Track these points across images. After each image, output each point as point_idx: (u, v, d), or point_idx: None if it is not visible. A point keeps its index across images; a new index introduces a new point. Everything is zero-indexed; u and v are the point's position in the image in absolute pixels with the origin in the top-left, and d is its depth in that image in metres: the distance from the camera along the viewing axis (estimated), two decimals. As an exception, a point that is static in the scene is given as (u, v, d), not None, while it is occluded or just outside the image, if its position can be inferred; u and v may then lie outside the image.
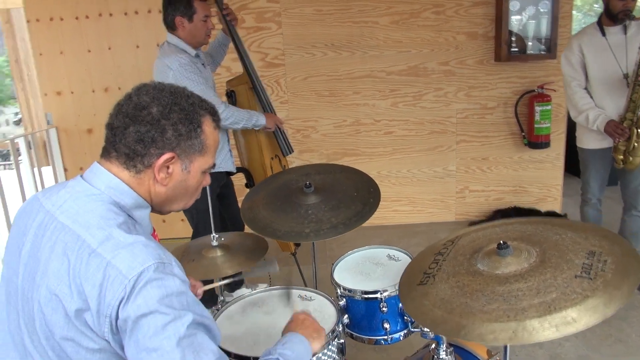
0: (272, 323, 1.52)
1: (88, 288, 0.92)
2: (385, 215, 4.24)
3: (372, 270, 1.76)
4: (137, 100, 1.04)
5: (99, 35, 3.82)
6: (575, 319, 1.05)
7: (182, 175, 1.08)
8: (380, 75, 3.99)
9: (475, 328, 1.13)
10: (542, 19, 3.87)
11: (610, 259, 1.18)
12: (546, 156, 4.12)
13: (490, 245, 1.34)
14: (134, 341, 0.91)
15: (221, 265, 1.73)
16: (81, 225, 0.98)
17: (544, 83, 3.92)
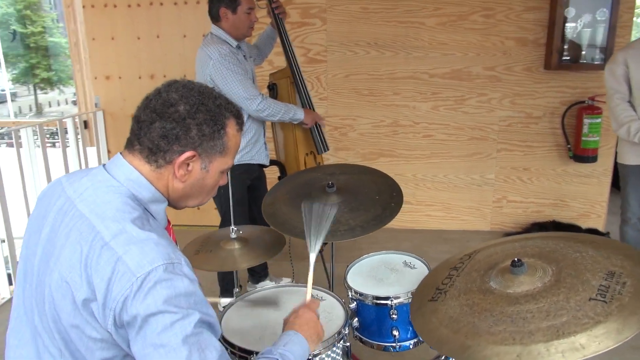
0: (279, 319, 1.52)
1: (97, 280, 0.95)
2: (418, 219, 4.17)
3: (386, 275, 1.74)
4: (166, 96, 1.06)
5: (150, 24, 3.94)
6: (584, 346, 1.00)
7: (200, 174, 1.10)
8: (423, 77, 3.92)
9: (479, 350, 1.10)
10: (599, 28, 3.68)
11: (630, 281, 1.11)
12: (592, 171, 3.94)
13: (506, 262, 1.29)
14: (141, 337, 0.93)
15: (238, 258, 1.76)
16: (97, 215, 1.01)
17: (595, 95, 3.74)
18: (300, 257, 3.56)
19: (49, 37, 23.51)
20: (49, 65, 23.80)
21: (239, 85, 2.52)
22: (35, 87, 24.62)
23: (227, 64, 2.50)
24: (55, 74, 24.10)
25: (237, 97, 2.52)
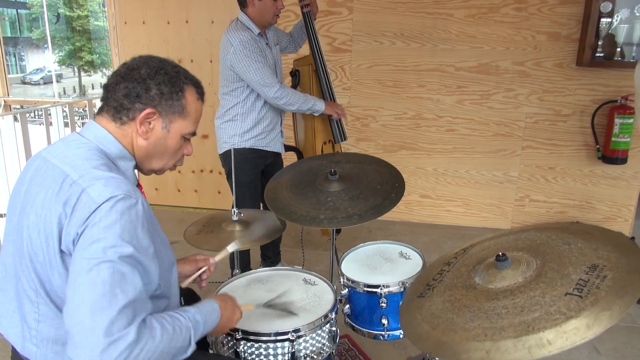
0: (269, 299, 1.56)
1: (66, 210, 1.06)
2: (437, 214, 4.13)
3: (380, 264, 1.74)
4: (130, 63, 1.20)
5: (179, 8, 4.02)
6: (551, 342, 0.99)
7: (162, 133, 1.21)
8: (449, 70, 3.86)
9: (452, 346, 1.11)
10: (637, 24, 3.53)
11: (611, 274, 1.08)
12: (622, 173, 3.80)
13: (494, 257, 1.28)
14: (76, 251, 1.04)
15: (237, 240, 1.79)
16: (67, 164, 1.12)
17: (629, 94, 3.59)
18: (314, 245, 3.61)
19: (94, 20, 24.24)
20: (92, 48, 24.58)
21: (256, 73, 2.55)
22: (79, 69, 25.48)
23: (246, 52, 2.53)
24: (99, 57, 24.87)
25: (255, 83, 2.56)
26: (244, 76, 2.57)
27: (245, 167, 2.79)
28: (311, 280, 1.66)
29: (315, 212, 1.74)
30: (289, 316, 1.48)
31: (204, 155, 4.17)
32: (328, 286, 1.62)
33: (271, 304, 1.54)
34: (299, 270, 1.73)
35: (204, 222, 1.91)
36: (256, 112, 2.70)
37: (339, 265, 1.74)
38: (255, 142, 2.76)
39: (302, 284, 1.65)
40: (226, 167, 2.85)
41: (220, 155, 2.84)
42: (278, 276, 1.71)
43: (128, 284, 1.01)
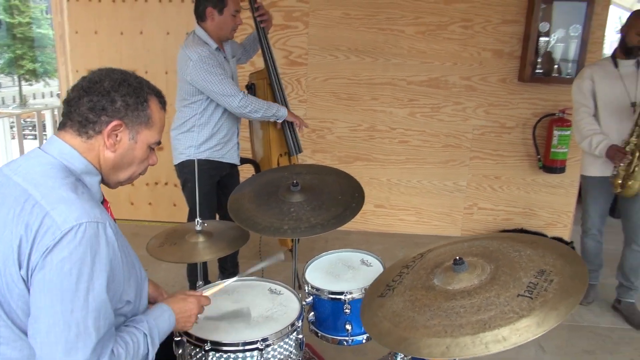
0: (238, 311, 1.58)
1: (27, 233, 1.03)
2: (391, 223, 4.26)
3: (343, 272, 1.81)
4: (91, 77, 1.18)
5: (133, 19, 3.97)
6: (505, 338, 1.08)
7: (129, 144, 1.21)
8: (401, 84, 4.01)
9: (414, 342, 1.17)
10: (572, 43, 3.81)
11: (557, 278, 1.19)
12: (560, 182, 4.06)
13: (451, 260, 1.36)
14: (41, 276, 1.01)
15: (201, 251, 1.81)
16: (29, 182, 1.09)
17: (565, 108, 3.86)
18: (272, 255, 3.63)
19: (36, 28, 23.29)
20: (34, 56, 23.59)
21: (219, 85, 2.57)
22: (20, 78, 24.35)
23: (205, 66, 2.55)
24: (41, 66, 23.88)
25: (218, 95, 2.57)
26: (206, 89, 2.58)
27: (201, 178, 2.79)
28: (277, 289, 1.70)
29: (279, 222, 1.79)
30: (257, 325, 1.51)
31: (158, 167, 4.05)
32: (293, 295, 1.67)
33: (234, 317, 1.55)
34: (264, 280, 1.76)
35: (166, 235, 1.91)
36: (213, 123, 2.72)
37: (303, 274, 1.78)
38: (211, 153, 2.77)
39: (268, 294, 1.68)
40: (182, 178, 2.85)
41: (176, 166, 2.83)
42: (243, 287, 1.74)
43: (101, 319, 1.03)
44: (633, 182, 2.68)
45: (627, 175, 2.69)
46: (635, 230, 2.81)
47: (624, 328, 2.85)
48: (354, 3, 3.88)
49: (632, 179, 2.67)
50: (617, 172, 2.73)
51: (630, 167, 2.66)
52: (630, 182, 2.68)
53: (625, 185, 2.70)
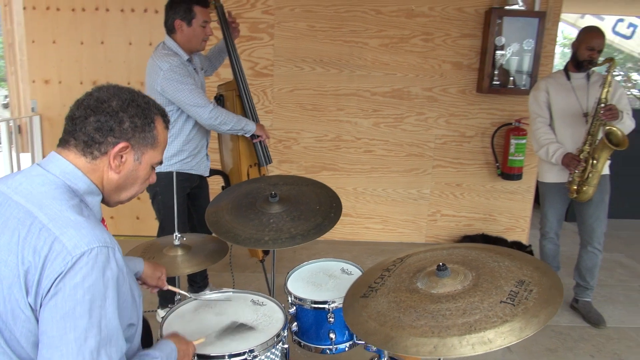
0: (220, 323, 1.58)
1: (35, 259, 0.99)
2: (357, 231, 4.32)
3: (325, 281, 1.83)
4: (98, 95, 1.15)
5: (94, 29, 3.89)
6: (491, 340, 1.13)
7: (134, 165, 1.19)
8: (365, 95, 4.10)
9: (401, 340, 1.22)
10: (525, 56, 4.01)
11: (536, 289, 1.27)
12: (517, 188, 4.25)
13: (433, 266, 1.42)
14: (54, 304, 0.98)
15: (180, 265, 1.80)
16: (34, 204, 1.05)
17: (521, 117, 4.05)
18: (242, 267, 3.61)
19: (-21, 34, 22.21)
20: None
21: (189, 95, 2.55)
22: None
23: (176, 76, 2.53)
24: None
25: (188, 105, 2.56)
26: (176, 99, 2.56)
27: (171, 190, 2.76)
28: (259, 301, 1.71)
29: (259, 233, 1.80)
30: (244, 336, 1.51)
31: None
32: (276, 305, 1.68)
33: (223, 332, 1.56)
34: (246, 292, 1.77)
35: (144, 249, 1.88)
36: (184, 135, 2.70)
37: (285, 285, 1.80)
38: (182, 165, 2.75)
39: (251, 305, 1.69)
40: (151, 192, 2.80)
41: None
42: (225, 299, 1.74)
43: (113, 347, 1.01)
44: (587, 188, 2.85)
45: (582, 181, 2.85)
46: (590, 232, 2.98)
47: (583, 326, 3.01)
48: (318, 16, 3.95)
49: (586, 185, 2.84)
50: (572, 179, 2.90)
51: (584, 173, 2.83)
52: (584, 187, 2.85)
53: (580, 190, 2.87)
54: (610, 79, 2.76)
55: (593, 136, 2.80)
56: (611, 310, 3.20)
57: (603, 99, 2.76)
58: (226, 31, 2.85)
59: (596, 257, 3.01)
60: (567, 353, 2.73)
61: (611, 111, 2.69)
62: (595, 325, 2.99)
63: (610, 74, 2.76)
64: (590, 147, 2.81)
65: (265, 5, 3.93)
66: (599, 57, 2.87)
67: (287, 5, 3.93)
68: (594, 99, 2.81)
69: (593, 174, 2.81)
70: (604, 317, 3.03)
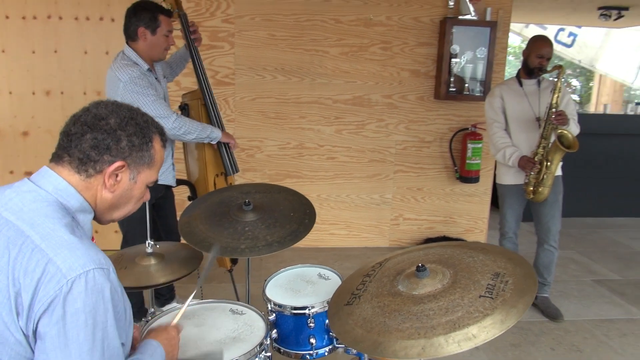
0: (201, 335, 1.57)
1: (27, 281, 0.95)
2: (322, 238, 4.35)
3: (303, 287, 1.85)
4: (95, 111, 1.11)
5: (46, 37, 3.75)
6: (475, 335, 1.18)
7: (129, 185, 1.16)
8: (327, 103, 4.15)
9: (390, 345, 1.24)
10: (479, 64, 4.18)
11: (511, 279, 1.32)
12: (475, 190, 4.40)
13: (412, 268, 1.46)
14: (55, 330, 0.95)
15: (154, 274, 1.76)
16: (25, 221, 1.01)
17: (477, 122, 4.21)
18: (209, 278, 3.56)
19: None
20: None
21: (151, 106, 2.51)
22: None
23: (137, 87, 2.48)
24: None
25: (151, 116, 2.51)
26: None
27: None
28: (238, 310, 1.70)
29: (235, 242, 1.79)
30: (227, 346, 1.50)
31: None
32: (256, 314, 1.67)
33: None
34: (223, 302, 1.75)
35: (114, 259, 1.83)
36: None
37: (264, 292, 1.80)
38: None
39: (230, 315, 1.67)
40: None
41: None
42: (203, 309, 1.72)
43: None
44: (542, 188, 2.99)
45: (537, 182, 3.00)
46: (546, 231, 3.13)
47: (542, 320, 3.15)
48: (279, 25, 3.98)
49: (541, 186, 2.99)
50: (528, 180, 3.04)
51: (539, 175, 2.98)
52: (540, 188, 3.00)
53: (536, 191, 3.02)
54: (560, 85, 2.93)
55: (546, 139, 2.96)
56: (567, 305, 3.36)
57: (554, 104, 2.91)
58: (190, 40, 2.83)
59: (552, 254, 3.17)
60: (530, 347, 2.84)
61: (561, 116, 2.85)
62: (554, 319, 3.14)
63: (559, 80, 2.93)
64: (544, 149, 2.96)
65: (225, 14, 3.92)
66: (548, 64, 3.03)
67: (247, 14, 3.94)
68: (546, 104, 2.97)
69: (547, 175, 2.96)
70: (561, 311, 3.19)
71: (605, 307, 3.37)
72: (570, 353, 2.80)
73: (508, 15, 4.22)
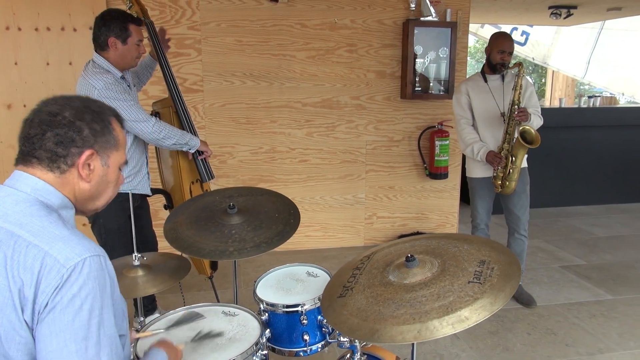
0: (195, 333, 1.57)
1: (27, 276, 0.97)
2: (299, 240, 4.37)
3: (293, 286, 1.87)
4: (48, 109, 1.10)
5: (5, 50, 3.65)
6: (468, 317, 1.24)
7: (102, 171, 1.16)
8: (297, 106, 4.19)
9: (386, 331, 1.29)
10: (442, 63, 4.31)
11: (497, 266, 1.40)
12: (444, 186, 4.53)
13: (400, 259, 1.51)
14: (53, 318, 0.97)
15: (143, 285, 1.75)
16: (12, 223, 1.02)
17: (443, 120, 4.34)
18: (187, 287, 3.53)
19: None
20: None
21: (129, 111, 2.49)
22: None
23: (112, 94, 2.46)
24: None
25: (130, 121, 2.49)
26: None
27: (113, 212, 2.67)
28: (230, 311, 1.71)
29: (223, 245, 1.80)
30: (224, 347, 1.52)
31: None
32: (249, 314, 1.69)
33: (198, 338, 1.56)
34: (215, 305, 1.76)
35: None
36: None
37: (254, 292, 1.82)
38: (123, 186, 2.66)
39: (223, 317, 1.68)
40: (91, 216, 2.68)
41: None
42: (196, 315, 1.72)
43: (113, 355, 1.01)
44: (510, 182, 3.12)
45: (505, 176, 3.12)
46: (516, 221, 3.26)
47: (516, 307, 3.27)
48: (245, 30, 3.99)
49: (508, 180, 3.12)
50: (496, 174, 3.16)
51: (506, 169, 3.10)
52: (507, 182, 3.12)
53: (504, 185, 3.14)
54: (521, 82, 3.06)
55: (510, 135, 3.08)
56: (538, 291, 3.50)
57: (516, 101, 3.04)
58: (158, 47, 2.82)
59: (523, 243, 3.30)
60: (507, 333, 2.95)
61: (523, 113, 2.98)
62: (527, 305, 3.27)
63: (520, 78, 3.06)
64: (509, 144, 3.08)
65: (190, 21, 3.91)
66: (510, 59, 3.16)
67: (212, 21, 3.94)
68: (510, 99, 3.10)
69: (513, 170, 3.09)
70: (533, 297, 3.32)
71: (574, 291, 3.53)
72: (545, 336, 2.92)
73: (467, 15, 4.37)
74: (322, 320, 1.75)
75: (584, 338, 2.90)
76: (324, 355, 1.88)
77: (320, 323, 1.75)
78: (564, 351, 2.77)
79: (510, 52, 3.15)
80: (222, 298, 3.17)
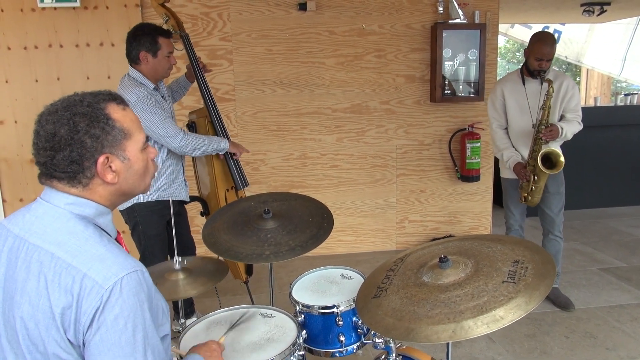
0: (237, 338, 1.63)
1: (69, 298, 1.01)
2: (331, 245, 4.41)
3: (328, 288, 1.91)
4: (44, 132, 1.08)
5: (49, 66, 3.83)
6: (503, 317, 1.25)
7: (125, 166, 1.15)
8: (327, 112, 4.24)
9: (422, 330, 1.31)
10: (471, 65, 4.29)
11: (531, 265, 1.40)
12: (477, 189, 4.49)
13: (434, 260, 1.53)
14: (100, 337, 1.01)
15: (183, 287, 1.82)
16: (52, 243, 1.06)
17: (473, 122, 4.31)
18: (223, 291, 3.61)
19: None
20: None
21: (159, 126, 2.59)
22: None
23: (144, 107, 2.56)
24: None
25: (159, 136, 2.59)
26: (147, 130, 2.58)
27: (153, 219, 2.77)
28: (268, 313, 1.76)
29: (260, 249, 1.86)
30: (263, 347, 1.56)
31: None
32: (286, 315, 1.74)
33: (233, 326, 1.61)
34: (253, 307, 1.82)
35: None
36: (159, 162, 2.72)
37: (290, 294, 1.86)
38: (161, 193, 2.76)
39: (261, 319, 1.74)
40: (131, 223, 2.79)
41: (123, 211, 2.77)
42: (235, 315, 1.78)
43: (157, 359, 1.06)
44: (532, 198, 3.12)
45: (528, 192, 3.11)
46: (551, 222, 3.22)
47: (554, 310, 3.22)
48: (275, 40, 4.08)
49: (531, 195, 3.10)
50: (522, 186, 3.14)
51: (529, 185, 3.07)
52: (530, 197, 3.12)
53: (527, 199, 3.14)
54: (549, 103, 2.93)
55: (536, 152, 2.99)
56: (576, 294, 3.44)
57: (544, 121, 2.95)
58: (194, 59, 2.92)
59: (558, 243, 3.24)
60: (544, 337, 2.91)
61: (551, 133, 2.92)
62: (565, 308, 3.21)
63: (549, 99, 2.92)
64: (534, 161, 2.98)
65: (222, 32, 4.02)
66: (549, 65, 3.01)
67: (243, 32, 4.04)
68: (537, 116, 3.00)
69: (536, 189, 3.06)
70: (571, 300, 3.26)
71: (614, 293, 3.45)
72: (584, 340, 2.87)
73: (496, 16, 4.34)
74: (357, 321, 1.78)
75: (625, 341, 2.83)
76: (358, 358, 1.91)
77: (356, 324, 1.78)
78: (604, 355, 2.72)
79: (549, 59, 2.99)
80: (256, 302, 3.23)
